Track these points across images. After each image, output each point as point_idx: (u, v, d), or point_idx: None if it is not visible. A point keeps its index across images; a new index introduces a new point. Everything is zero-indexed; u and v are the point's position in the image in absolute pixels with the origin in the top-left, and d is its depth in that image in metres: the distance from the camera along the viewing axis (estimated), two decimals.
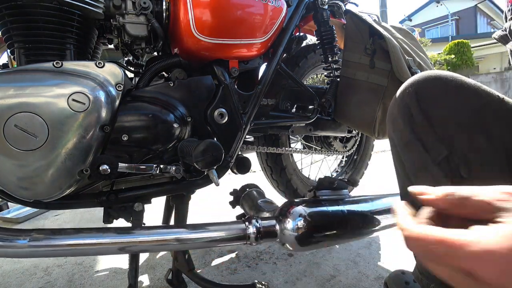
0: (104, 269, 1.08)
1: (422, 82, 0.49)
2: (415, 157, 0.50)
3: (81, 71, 0.62)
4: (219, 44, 0.79)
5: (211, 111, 0.79)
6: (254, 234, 0.68)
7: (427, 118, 0.47)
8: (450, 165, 0.44)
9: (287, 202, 0.76)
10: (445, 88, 0.47)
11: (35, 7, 0.63)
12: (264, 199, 0.89)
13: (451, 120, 0.45)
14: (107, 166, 0.62)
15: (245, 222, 0.70)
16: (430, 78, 0.48)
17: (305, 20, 1.07)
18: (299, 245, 0.69)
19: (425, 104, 0.47)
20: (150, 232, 0.65)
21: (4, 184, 0.58)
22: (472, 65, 10.33)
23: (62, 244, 0.59)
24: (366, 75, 1.00)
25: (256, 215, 0.82)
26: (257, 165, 1.36)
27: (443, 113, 0.46)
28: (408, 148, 0.51)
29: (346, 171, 1.52)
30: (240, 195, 0.97)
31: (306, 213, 0.70)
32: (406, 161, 0.52)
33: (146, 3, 0.72)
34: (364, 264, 1.05)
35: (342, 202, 0.77)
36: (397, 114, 0.51)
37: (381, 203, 0.82)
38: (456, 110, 0.45)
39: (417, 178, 0.51)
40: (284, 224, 0.69)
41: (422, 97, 0.48)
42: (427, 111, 0.47)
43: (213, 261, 1.10)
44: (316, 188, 0.79)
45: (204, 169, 0.65)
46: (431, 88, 0.48)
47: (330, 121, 1.14)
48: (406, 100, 0.50)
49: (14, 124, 0.54)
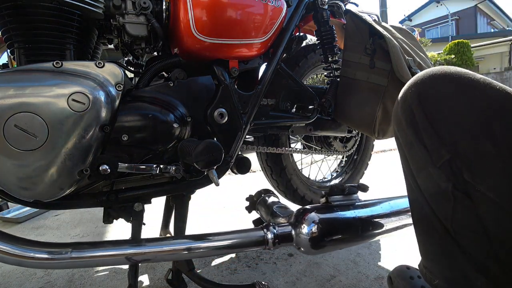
0: (104, 269, 1.08)
1: (425, 82, 0.47)
2: (418, 157, 0.49)
3: (81, 71, 0.62)
4: (219, 44, 0.79)
5: (211, 111, 0.79)
6: (272, 239, 0.73)
7: (430, 120, 0.45)
8: (452, 169, 0.43)
9: (301, 208, 0.80)
10: (449, 89, 0.44)
11: (35, 7, 0.63)
12: (279, 205, 0.93)
13: (454, 123, 0.43)
14: (107, 166, 0.62)
15: (263, 229, 0.75)
16: (434, 77, 0.46)
17: (305, 20, 1.07)
18: (314, 249, 0.74)
19: (428, 105, 0.46)
20: (174, 242, 0.70)
21: (4, 184, 0.58)
22: (472, 65, 10.33)
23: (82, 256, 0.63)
24: (366, 75, 0.99)
25: (273, 220, 0.87)
26: (257, 165, 1.36)
27: (447, 116, 0.44)
28: (411, 148, 0.50)
29: (346, 171, 1.52)
30: (256, 200, 1.02)
31: (319, 219, 0.75)
32: (410, 160, 0.51)
33: (146, 3, 0.72)
34: (364, 264, 1.05)
35: (353, 207, 0.81)
36: (401, 114, 0.50)
37: (390, 206, 0.85)
38: (460, 113, 0.43)
39: (419, 178, 0.50)
40: (299, 229, 0.74)
41: (425, 98, 0.46)
42: (429, 113, 0.45)
43: (213, 261, 1.10)
44: (328, 194, 0.83)
45: (204, 169, 0.65)
46: (435, 89, 0.46)
47: (330, 121, 1.14)
48: (408, 100, 0.48)
49: (14, 124, 0.54)
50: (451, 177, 0.43)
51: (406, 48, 0.98)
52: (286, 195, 1.30)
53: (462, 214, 0.43)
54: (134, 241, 0.70)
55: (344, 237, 0.76)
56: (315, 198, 1.31)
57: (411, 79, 0.50)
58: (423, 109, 0.46)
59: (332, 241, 0.75)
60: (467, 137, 0.42)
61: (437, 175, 0.45)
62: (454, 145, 0.43)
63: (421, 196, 0.50)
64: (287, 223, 0.77)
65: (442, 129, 0.44)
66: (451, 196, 0.43)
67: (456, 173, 0.43)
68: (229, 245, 0.71)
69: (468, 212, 0.42)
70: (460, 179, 0.42)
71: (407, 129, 0.49)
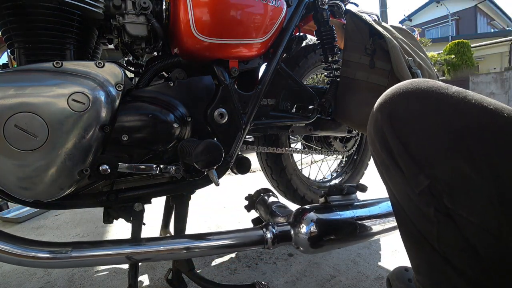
0: (104, 269, 1.08)
1: (395, 101, 0.43)
2: (396, 182, 0.45)
3: (81, 71, 0.62)
4: (219, 44, 0.79)
5: (211, 111, 0.79)
6: (271, 239, 0.73)
7: (403, 143, 0.41)
8: (432, 194, 0.40)
9: (300, 208, 0.80)
10: (421, 107, 0.41)
11: (35, 7, 0.63)
12: (278, 204, 0.93)
13: (429, 145, 0.40)
14: (107, 166, 0.62)
15: (263, 228, 0.75)
16: (404, 95, 0.42)
17: (305, 20, 1.07)
18: (312, 248, 0.74)
19: (400, 127, 0.42)
20: (174, 241, 0.70)
21: (4, 184, 0.58)
22: (472, 65, 10.32)
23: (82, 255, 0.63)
24: (366, 75, 0.99)
25: (272, 220, 0.87)
26: (257, 165, 1.36)
27: (421, 137, 0.40)
28: (388, 171, 0.46)
29: (346, 171, 1.52)
30: (255, 200, 1.01)
31: (318, 219, 0.75)
32: (389, 182, 0.48)
33: (146, 3, 0.72)
34: (364, 264, 1.05)
35: (352, 207, 0.82)
36: (374, 135, 0.46)
37: (388, 206, 0.85)
38: (434, 133, 0.39)
39: (400, 199, 0.47)
40: (298, 229, 0.75)
41: (396, 119, 0.42)
42: (402, 136, 0.42)
43: (213, 261, 1.10)
44: (327, 194, 0.84)
45: (204, 169, 0.65)
46: (406, 108, 0.42)
47: (330, 121, 1.14)
48: (380, 122, 0.45)
49: (14, 124, 0.54)
50: (432, 202, 0.40)
51: (406, 48, 0.98)
52: (286, 195, 1.30)
53: (448, 236, 0.40)
54: (134, 241, 0.70)
55: (342, 237, 0.77)
56: (315, 198, 1.32)
57: (381, 96, 0.46)
58: (395, 132, 0.42)
59: (331, 240, 0.75)
60: (443, 160, 0.38)
61: (417, 200, 0.42)
62: (431, 169, 0.39)
63: (406, 216, 0.47)
64: (286, 223, 0.78)
65: (417, 153, 0.40)
66: (434, 219, 0.41)
67: (437, 198, 0.40)
68: (228, 245, 0.71)
69: (454, 234, 0.39)
70: (441, 205, 0.39)
71: (382, 152, 0.45)
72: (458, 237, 0.39)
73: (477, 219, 0.37)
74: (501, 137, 0.36)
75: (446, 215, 0.40)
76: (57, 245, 0.62)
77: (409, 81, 0.44)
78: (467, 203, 0.37)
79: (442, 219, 0.40)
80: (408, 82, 0.44)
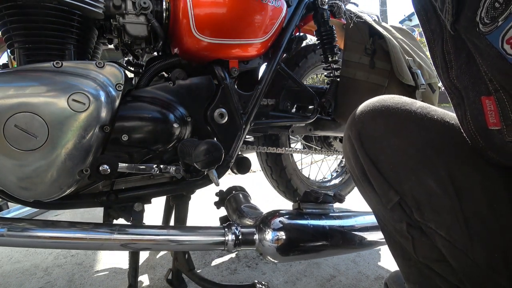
0: (104, 269, 1.08)
1: (364, 120, 0.44)
2: (369, 198, 0.47)
3: (81, 71, 0.62)
4: (219, 44, 0.79)
5: (211, 111, 0.79)
6: (232, 241, 0.67)
7: (373, 161, 0.43)
8: (403, 209, 0.41)
9: (271, 211, 0.75)
10: (387, 125, 0.42)
11: (35, 7, 0.63)
12: (249, 204, 0.88)
13: (397, 162, 0.41)
14: (107, 166, 0.62)
15: (225, 228, 0.69)
16: (372, 113, 0.44)
17: (305, 20, 1.07)
18: (277, 256, 0.68)
19: (369, 145, 0.43)
20: (130, 231, 0.65)
21: (4, 184, 0.58)
22: None
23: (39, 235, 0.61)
24: (366, 75, 1.00)
25: (238, 220, 0.82)
26: (257, 165, 1.36)
27: (389, 155, 0.41)
28: (361, 187, 0.48)
29: (346, 171, 1.52)
30: (226, 197, 0.96)
31: (286, 225, 0.69)
32: (364, 197, 0.49)
33: (146, 3, 0.72)
34: (364, 264, 1.05)
35: (325, 217, 0.76)
36: (348, 151, 0.48)
37: (364, 220, 0.80)
38: (400, 150, 0.41)
39: (376, 215, 0.49)
40: (264, 234, 0.69)
41: (366, 138, 0.44)
42: (372, 154, 0.43)
43: (213, 261, 1.10)
44: (301, 201, 0.79)
45: (204, 169, 0.65)
46: (373, 127, 0.43)
47: (330, 121, 1.14)
48: (352, 140, 0.46)
49: (14, 124, 0.54)
50: (403, 217, 0.41)
51: (406, 48, 0.98)
52: (286, 195, 1.30)
53: (423, 249, 0.42)
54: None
55: (311, 247, 0.71)
56: None
57: (352, 114, 0.47)
58: (365, 150, 0.44)
59: (297, 250, 0.70)
60: (410, 176, 0.39)
61: (390, 217, 0.43)
62: (400, 186, 0.40)
63: (387, 229, 0.49)
64: (252, 225, 0.72)
65: (386, 170, 0.42)
66: (407, 235, 0.42)
67: (407, 213, 0.41)
68: (185, 241, 0.67)
69: (428, 247, 0.41)
70: (413, 218, 0.41)
71: (355, 168, 0.47)
72: (433, 249, 0.41)
73: (444, 233, 0.38)
74: (459, 151, 0.38)
75: (418, 229, 0.41)
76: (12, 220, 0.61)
77: (377, 98, 0.46)
78: (435, 218, 0.38)
79: (415, 233, 0.41)
80: (375, 99, 0.45)
